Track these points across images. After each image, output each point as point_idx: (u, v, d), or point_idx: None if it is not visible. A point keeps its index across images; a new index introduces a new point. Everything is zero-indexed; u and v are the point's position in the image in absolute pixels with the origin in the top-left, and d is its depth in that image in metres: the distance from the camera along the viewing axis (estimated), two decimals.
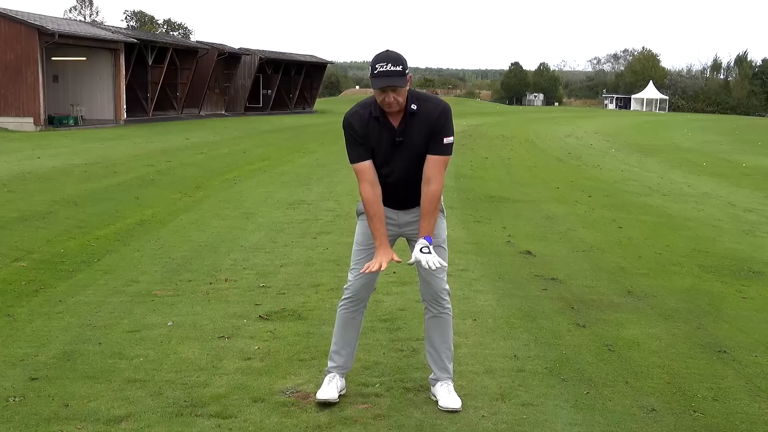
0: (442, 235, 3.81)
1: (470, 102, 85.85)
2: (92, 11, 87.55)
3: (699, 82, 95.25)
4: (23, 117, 27.28)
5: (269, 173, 14.83)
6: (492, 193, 12.42)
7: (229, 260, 7.03)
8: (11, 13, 27.81)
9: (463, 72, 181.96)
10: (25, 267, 6.61)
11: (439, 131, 3.58)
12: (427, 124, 3.57)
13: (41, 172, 13.68)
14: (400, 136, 3.59)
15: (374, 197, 3.63)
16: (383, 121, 3.59)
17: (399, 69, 3.44)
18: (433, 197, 3.61)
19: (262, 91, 46.72)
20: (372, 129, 3.60)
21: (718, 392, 4.06)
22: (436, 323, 3.85)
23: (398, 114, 3.59)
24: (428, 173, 3.62)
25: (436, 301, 3.81)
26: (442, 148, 3.60)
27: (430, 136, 3.58)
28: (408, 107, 3.56)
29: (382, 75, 3.43)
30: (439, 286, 3.79)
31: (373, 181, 3.64)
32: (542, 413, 3.72)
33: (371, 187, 3.63)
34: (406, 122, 3.58)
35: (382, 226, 3.64)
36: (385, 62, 3.44)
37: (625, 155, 23.31)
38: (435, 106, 3.60)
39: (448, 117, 3.61)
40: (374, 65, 3.47)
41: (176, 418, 3.58)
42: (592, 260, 7.42)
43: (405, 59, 3.49)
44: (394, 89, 3.46)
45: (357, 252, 3.84)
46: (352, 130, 3.63)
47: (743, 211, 12.07)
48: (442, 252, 3.77)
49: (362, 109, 3.64)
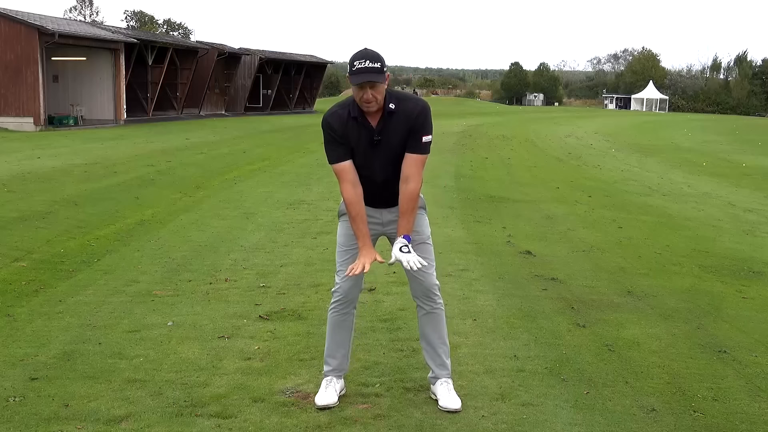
0: (425, 231, 3.81)
1: (470, 102, 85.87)
2: (92, 11, 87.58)
3: (699, 82, 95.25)
4: (23, 117, 27.29)
5: (269, 173, 14.83)
6: (492, 193, 12.42)
7: (229, 260, 7.03)
8: (11, 13, 27.82)
9: (463, 72, 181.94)
10: (25, 267, 6.61)
11: (417, 130, 3.58)
12: (405, 123, 3.58)
13: (41, 172, 13.68)
14: (378, 136, 3.60)
15: (356, 197, 3.64)
16: (362, 120, 3.60)
17: (377, 66, 3.45)
18: (411, 196, 3.61)
19: (262, 91, 46.72)
20: (351, 129, 3.61)
21: (718, 392, 4.06)
22: (430, 319, 3.86)
23: (376, 113, 3.60)
24: (406, 171, 3.62)
25: (427, 297, 3.81)
26: (421, 146, 3.61)
27: (408, 134, 3.58)
28: (386, 106, 3.57)
29: (361, 71, 3.44)
30: (429, 282, 3.79)
31: (354, 181, 3.65)
32: (542, 413, 3.72)
33: (353, 187, 3.64)
34: (384, 121, 3.59)
35: (364, 226, 3.65)
36: (364, 59, 3.46)
37: (625, 155, 23.30)
38: (414, 105, 3.61)
39: (426, 116, 3.62)
40: (352, 62, 3.48)
41: (176, 418, 3.58)
42: (592, 260, 7.42)
43: (383, 58, 3.51)
44: (373, 86, 3.46)
45: (341, 253, 3.84)
46: (331, 129, 3.63)
47: (743, 211, 12.07)
48: (427, 248, 3.79)
49: (341, 109, 3.64)
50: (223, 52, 39.88)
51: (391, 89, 3.64)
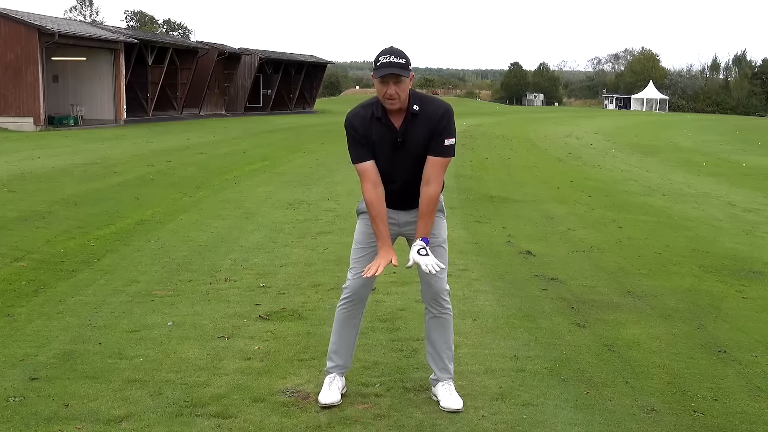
0: (442, 235, 3.80)
1: (470, 102, 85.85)
2: (92, 11, 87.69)
3: (699, 82, 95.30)
4: (23, 117, 27.29)
5: (269, 173, 14.83)
6: (492, 193, 12.42)
7: (229, 260, 7.03)
8: (11, 13, 27.82)
9: (463, 72, 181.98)
10: (25, 267, 6.61)
11: (440, 132, 3.58)
12: (428, 125, 3.57)
13: (41, 172, 13.68)
14: (401, 137, 3.59)
15: (377, 198, 3.62)
16: (385, 121, 3.59)
17: (402, 62, 3.46)
18: (431, 198, 3.61)
19: (262, 91, 46.73)
20: (373, 129, 3.60)
21: (718, 392, 4.06)
22: (437, 324, 3.85)
23: (400, 114, 3.59)
24: (428, 174, 3.62)
25: (436, 301, 3.81)
26: (443, 149, 3.60)
27: (431, 136, 3.58)
28: (410, 108, 3.57)
29: (386, 65, 3.45)
30: (439, 287, 3.78)
31: (375, 181, 3.62)
32: (542, 413, 3.72)
33: (374, 188, 3.62)
34: (407, 123, 3.58)
35: (384, 227, 3.63)
36: (389, 54, 3.47)
37: (625, 155, 23.30)
38: (437, 107, 3.61)
39: (450, 118, 3.61)
40: (378, 57, 3.49)
41: (176, 418, 3.58)
42: (592, 260, 7.42)
43: (408, 56, 3.52)
44: (397, 80, 3.46)
45: (356, 251, 3.83)
46: (353, 129, 3.63)
47: (743, 211, 12.07)
48: (442, 252, 3.77)
49: (364, 109, 3.64)
50: (223, 52, 39.88)
51: (416, 91, 3.64)
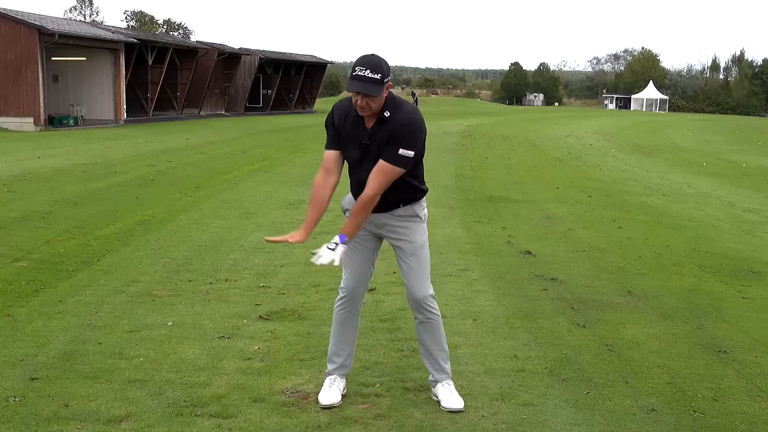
0: (418, 240, 3.78)
1: (470, 102, 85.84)
2: (92, 11, 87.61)
3: (699, 82, 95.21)
4: (23, 117, 27.29)
5: (269, 173, 14.83)
6: (492, 193, 12.41)
7: (229, 260, 7.03)
8: (11, 13, 27.82)
9: (463, 72, 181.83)
10: (25, 267, 6.61)
11: (398, 140, 3.49)
12: (392, 131, 3.52)
13: (41, 172, 13.68)
14: (367, 139, 3.59)
15: (321, 184, 3.71)
16: (358, 120, 3.61)
17: (376, 77, 3.40)
18: (361, 201, 3.58)
19: (262, 91, 46.72)
20: (348, 124, 3.62)
21: (718, 392, 4.06)
22: (424, 328, 3.85)
23: (373, 117, 3.58)
24: (369, 175, 3.56)
25: (420, 307, 3.79)
26: (395, 156, 3.50)
27: (389, 141, 3.52)
28: (382, 113, 3.54)
29: (358, 79, 3.42)
30: (421, 294, 3.75)
31: (330, 169, 3.70)
32: (542, 413, 3.72)
33: (324, 175, 3.71)
34: (376, 126, 3.57)
35: (313, 213, 3.74)
36: (365, 67, 3.42)
37: (625, 155, 23.29)
38: (405, 116, 3.53)
39: (414, 130, 3.52)
40: (354, 67, 3.46)
41: (176, 418, 3.58)
42: (592, 260, 7.42)
43: (386, 67, 3.45)
44: (366, 96, 3.44)
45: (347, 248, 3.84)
46: (332, 117, 3.69)
47: (743, 211, 12.06)
48: (420, 256, 3.76)
49: (349, 102, 3.64)
50: (223, 52, 39.87)
51: (397, 97, 3.60)
